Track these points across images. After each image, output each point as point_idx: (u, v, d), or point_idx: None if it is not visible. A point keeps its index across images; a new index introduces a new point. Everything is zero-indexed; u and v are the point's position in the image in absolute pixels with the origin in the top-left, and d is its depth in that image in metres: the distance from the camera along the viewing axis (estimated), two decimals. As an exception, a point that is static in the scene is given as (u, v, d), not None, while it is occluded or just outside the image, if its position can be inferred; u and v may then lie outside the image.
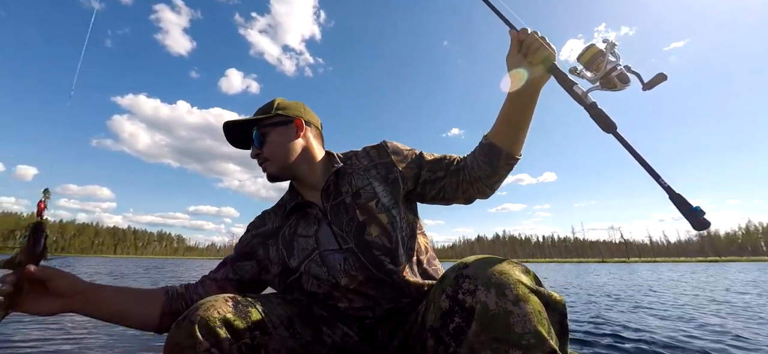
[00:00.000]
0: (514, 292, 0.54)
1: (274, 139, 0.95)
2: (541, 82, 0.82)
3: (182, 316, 0.66)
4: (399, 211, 0.93)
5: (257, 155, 0.97)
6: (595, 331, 2.76)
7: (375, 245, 0.87)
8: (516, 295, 0.54)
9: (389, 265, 0.87)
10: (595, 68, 0.78)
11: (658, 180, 0.65)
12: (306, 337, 0.78)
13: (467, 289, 0.57)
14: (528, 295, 0.55)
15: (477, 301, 0.55)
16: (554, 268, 29.49)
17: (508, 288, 0.55)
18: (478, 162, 0.90)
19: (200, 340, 0.62)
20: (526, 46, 0.80)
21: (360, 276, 0.87)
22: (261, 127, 0.95)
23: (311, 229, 0.94)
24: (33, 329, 2.93)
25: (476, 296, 0.55)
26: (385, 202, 0.92)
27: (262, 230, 1.02)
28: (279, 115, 0.96)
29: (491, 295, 0.55)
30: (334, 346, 0.83)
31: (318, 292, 0.91)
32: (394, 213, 0.91)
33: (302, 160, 0.97)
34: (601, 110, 0.74)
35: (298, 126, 0.97)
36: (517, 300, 0.54)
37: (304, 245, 0.92)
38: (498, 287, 0.55)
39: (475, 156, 0.91)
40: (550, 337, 0.54)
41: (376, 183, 0.94)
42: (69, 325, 2.94)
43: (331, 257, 0.89)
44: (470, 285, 0.57)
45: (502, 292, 0.54)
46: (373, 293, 0.87)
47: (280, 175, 0.98)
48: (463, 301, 0.57)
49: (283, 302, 0.82)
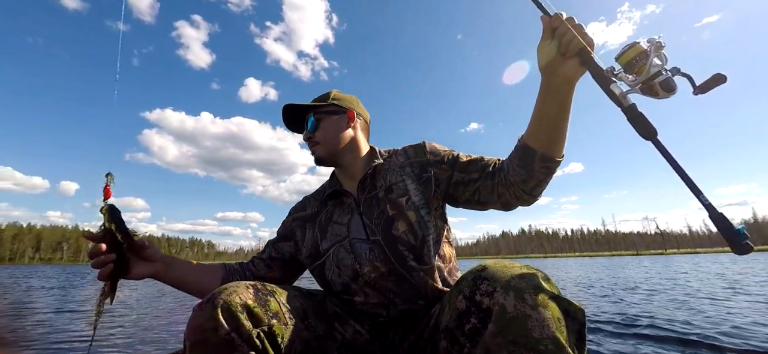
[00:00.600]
0: (533, 296, 0.54)
1: (327, 126, 1.01)
2: (575, 76, 0.73)
3: (206, 299, 0.68)
4: (428, 212, 0.93)
5: (309, 138, 1.03)
6: (622, 329, 2.64)
7: (400, 240, 0.88)
8: (535, 299, 0.54)
9: (411, 261, 0.88)
10: (637, 71, 0.68)
11: (699, 196, 0.59)
12: (319, 331, 0.80)
13: (485, 290, 0.57)
14: (547, 301, 0.54)
15: (495, 303, 0.55)
16: (585, 262, 28.41)
17: (527, 292, 0.54)
18: (513, 165, 0.85)
19: (222, 323, 0.64)
20: (559, 35, 0.71)
21: (383, 268, 0.88)
22: (317, 113, 1.02)
23: (345, 217, 0.97)
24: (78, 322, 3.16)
25: (494, 298, 0.55)
26: (415, 200, 0.93)
27: (302, 214, 1.09)
28: (334, 104, 1.02)
29: (510, 297, 0.54)
30: (345, 342, 0.84)
31: (336, 282, 0.94)
32: (423, 212, 0.92)
33: (348, 149, 1.03)
34: (641, 114, 0.65)
35: (350, 117, 1.03)
36: (536, 305, 0.53)
37: (337, 231, 0.97)
38: (517, 291, 0.54)
39: (511, 159, 0.87)
40: (568, 345, 0.53)
41: (409, 180, 0.96)
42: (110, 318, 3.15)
43: (359, 246, 0.92)
44: (488, 286, 0.57)
45: (521, 296, 0.54)
46: (391, 288, 0.88)
47: (326, 160, 1.03)
48: (481, 302, 0.57)
49: (299, 295, 0.84)
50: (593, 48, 0.71)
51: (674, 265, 15.34)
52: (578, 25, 0.71)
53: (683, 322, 2.77)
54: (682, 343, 2.14)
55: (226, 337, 0.64)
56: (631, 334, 2.42)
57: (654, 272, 9.82)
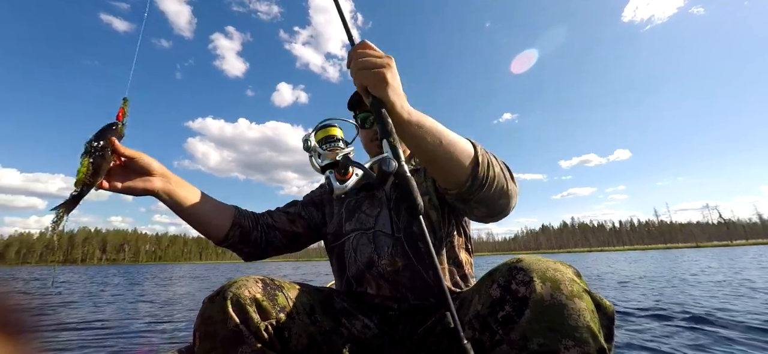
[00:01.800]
0: (569, 288, 0.56)
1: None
2: (393, 111, 0.62)
3: (215, 292, 0.70)
4: (445, 214, 0.94)
5: (373, 139, 1.04)
6: (671, 323, 2.44)
7: (421, 238, 0.87)
8: (570, 290, 0.55)
9: (428, 259, 0.86)
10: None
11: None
12: (325, 326, 0.80)
13: (521, 279, 0.58)
14: (582, 294, 0.56)
15: (531, 291, 0.56)
16: (635, 256, 26.44)
17: (563, 283, 0.56)
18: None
19: (231, 315, 0.66)
20: (353, 65, 0.63)
21: (400, 263, 0.90)
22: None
23: (374, 210, 0.99)
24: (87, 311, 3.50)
25: (531, 286, 0.56)
26: (435, 201, 0.94)
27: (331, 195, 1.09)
28: None
29: (546, 287, 0.56)
30: (352, 337, 0.84)
31: (352, 267, 0.96)
32: (441, 213, 0.94)
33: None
34: (409, 188, 0.60)
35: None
36: (571, 295, 0.55)
37: (364, 220, 0.99)
38: (553, 282, 0.56)
39: None
40: (600, 336, 0.54)
41: (429, 181, 0.97)
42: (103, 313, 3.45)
43: (382, 239, 0.93)
44: (525, 276, 0.58)
45: (558, 286, 0.56)
46: (405, 283, 0.89)
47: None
48: (517, 291, 0.58)
49: (307, 290, 0.85)
50: (385, 86, 0.60)
51: (743, 257, 13.84)
52: (374, 56, 0.61)
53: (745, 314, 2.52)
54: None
55: (235, 330, 0.66)
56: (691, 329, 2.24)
57: (718, 265, 8.94)
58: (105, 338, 2.62)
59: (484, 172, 0.67)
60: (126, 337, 2.64)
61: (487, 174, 0.67)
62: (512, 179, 0.73)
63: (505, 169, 0.73)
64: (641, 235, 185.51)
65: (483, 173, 0.67)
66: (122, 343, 2.50)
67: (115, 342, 2.51)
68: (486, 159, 0.68)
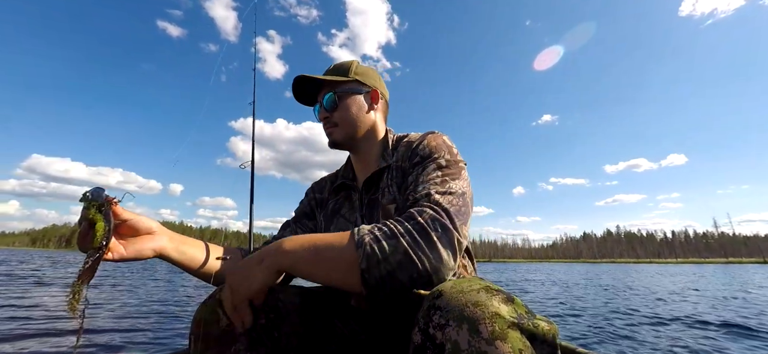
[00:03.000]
0: (489, 328, 0.47)
1: (348, 106, 0.89)
2: (254, 282, 0.63)
3: (208, 296, 0.72)
4: None
5: (326, 118, 0.91)
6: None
7: None
8: (491, 331, 0.47)
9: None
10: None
11: None
12: (317, 327, 0.81)
13: (438, 323, 0.50)
14: (505, 332, 0.48)
15: (447, 339, 0.49)
16: (689, 269, 24.14)
17: (482, 323, 0.48)
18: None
19: (221, 316, 0.68)
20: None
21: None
22: (338, 90, 0.88)
23: (353, 214, 0.92)
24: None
25: (446, 332, 0.49)
26: (401, 206, 0.81)
27: (318, 197, 1.04)
28: (356, 80, 0.90)
29: (463, 331, 0.48)
30: (344, 338, 0.83)
31: None
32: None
33: (368, 134, 0.93)
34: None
35: (373, 98, 0.92)
36: (492, 338, 0.47)
37: (342, 226, 0.92)
38: (471, 322, 0.48)
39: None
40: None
41: (395, 186, 0.86)
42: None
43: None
44: (441, 318, 0.50)
45: (476, 329, 0.48)
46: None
47: (344, 144, 0.92)
48: (434, 336, 0.50)
49: (298, 292, 0.83)
50: None
51: (820, 277, 12.19)
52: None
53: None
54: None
55: (227, 329, 0.67)
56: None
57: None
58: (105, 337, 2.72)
59: (377, 275, 0.58)
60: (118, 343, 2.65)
61: (380, 273, 0.58)
62: (445, 239, 0.61)
63: (428, 232, 0.60)
64: (698, 247, 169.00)
65: (376, 277, 0.58)
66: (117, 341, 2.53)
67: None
68: (376, 256, 0.58)
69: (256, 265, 0.63)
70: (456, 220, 0.64)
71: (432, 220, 0.62)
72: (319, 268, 0.61)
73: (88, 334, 2.92)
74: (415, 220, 0.61)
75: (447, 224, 0.62)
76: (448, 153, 0.79)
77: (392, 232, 0.60)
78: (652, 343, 2.94)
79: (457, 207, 0.67)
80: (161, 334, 3.10)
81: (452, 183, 0.72)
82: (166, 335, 3.05)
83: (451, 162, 0.77)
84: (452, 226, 0.63)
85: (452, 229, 0.63)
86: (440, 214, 0.63)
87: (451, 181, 0.72)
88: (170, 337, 2.99)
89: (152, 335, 2.98)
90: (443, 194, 0.68)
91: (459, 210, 0.67)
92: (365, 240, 0.59)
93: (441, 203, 0.66)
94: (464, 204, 0.69)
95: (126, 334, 3.03)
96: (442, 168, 0.75)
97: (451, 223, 0.63)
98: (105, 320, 3.48)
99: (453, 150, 0.81)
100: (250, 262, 0.64)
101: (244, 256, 0.94)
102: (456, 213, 0.66)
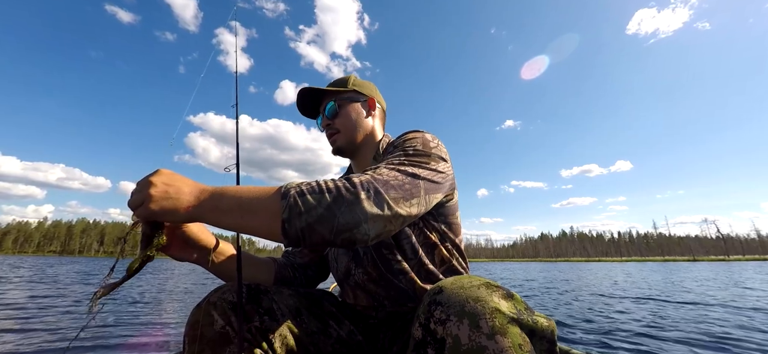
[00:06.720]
0: (489, 323, 0.48)
1: (348, 113, 0.96)
2: (177, 215, 0.61)
3: (203, 299, 0.74)
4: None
5: (328, 125, 0.97)
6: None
7: (384, 244, 0.86)
8: (491, 326, 0.48)
9: (396, 265, 0.85)
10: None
11: None
12: (312, 328, 0.81)
13: (439, 318, 0.52)
14: (506, 327, 0.49)
15: (448, 333, 0.50)
16: (632, 268, 26.44)
17: (482, 318, 0.49)
18: None
19: (216, 318, 0.70)
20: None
21: (373, 272, 0.88)
22: (338, 99, 0.96)
23: None
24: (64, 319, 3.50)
25: (447, 327, 0.50)
26: None
27: None
28: (355, 90, 0.98)
29: (464, 326, 0.49)
30: (340, 339, 0.84)
31: (336, 276, 0.97)
32: None
33: (367, 139, 0.99)
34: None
35: (370, 105, 1.00)
36: (492, 333, 0.48)
37: None
38: (472, 317, 0.49)
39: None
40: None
41: None
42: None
43: (358, 249, 0.90)
44: (442, 313, 0.52)
45: (476, 323, 0.49)
46: (379, 292, 0.88)
47: (346, 150, 0.98)
48: (435, 331, 0.52)
49: (294, 294, 0.85)
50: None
51: (739, 272, 13.85)
52: (131, 199, 0.63)
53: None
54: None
55: (221, 331, 0.69)
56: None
57: (712, 279, 8.94)
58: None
59: (298, 226, 0.57)
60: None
61: (301, 225, 0.57)
62: (372, 200, 0.60)
63: (351, 189, 0.60)
64: (639, 246, 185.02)
65: (296, 228, 0.57)
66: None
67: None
68: (298, 208, 0.58)
69: (190, 194, 0.61)
70: (393, 191, 0.64)
71: (366, 182, 0.62)
72: (245, 218, 0.60)
73: (85, 331, 2.87)
74: (350, 181, 0.61)
75: (380, 190, 0.62)
76: (421, 145, 0.79)
77: (320, 187, 0.60)
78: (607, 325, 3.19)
79: (399, 182, 0.66)
80: (156, 334, 3.01)
81: (409, 167, 0.71)
82: (162, 336, 2.95)
83: (421, 152, 0.76)
84: (385, 193, 0.62)
85: (384, 195, 0.62)
86: (376, 181, 0.63)
87: (409, 166, 0.71)
88: (165, 338, 2.90)
89: (147, 338, 2.89)
90: (391, 169, 0.68)
91: (401, 185, 0.66)
92: (291, 193, 0.59)
93: (383, 174, 0.66)
94: (413, 186, 0.68)
95: (123, 333, 2.97)
96: (408, 155, 0.75)
97: (386, 192, 0.63)
98: (101, 318, 3.45)
99: (430, 144, 0.80)
100: (190, 186, 0.62)
101: (277, 265, 0.97)
102: (396, 186, 0.65)
